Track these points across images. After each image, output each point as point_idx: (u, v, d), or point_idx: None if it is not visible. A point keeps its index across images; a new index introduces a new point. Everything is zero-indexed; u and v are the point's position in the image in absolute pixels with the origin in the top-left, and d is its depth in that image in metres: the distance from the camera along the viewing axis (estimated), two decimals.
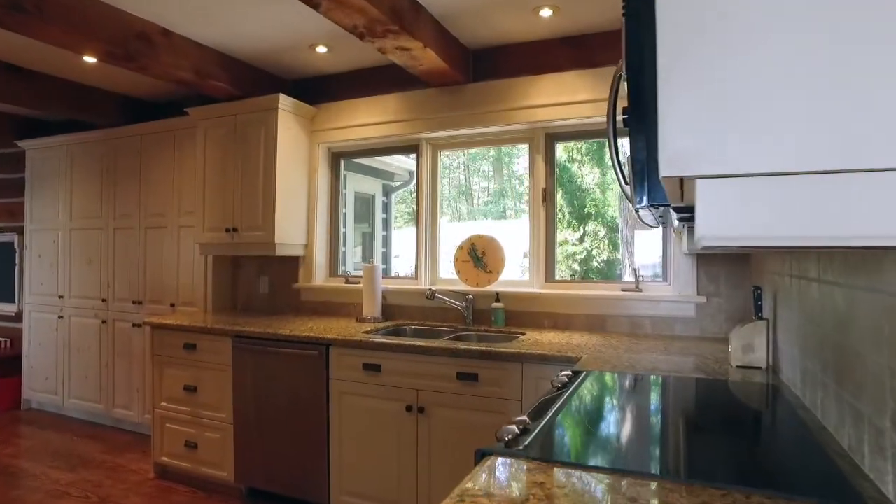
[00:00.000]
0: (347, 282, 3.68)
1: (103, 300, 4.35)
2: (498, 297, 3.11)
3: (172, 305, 4.01)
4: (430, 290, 3.05)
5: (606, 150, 4.00)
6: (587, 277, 3.99)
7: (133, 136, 4.21)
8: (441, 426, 2.54)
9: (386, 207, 7.80)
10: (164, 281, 4.06)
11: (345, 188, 5.93)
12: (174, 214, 4.02)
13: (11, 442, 4.11)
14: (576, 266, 9.01)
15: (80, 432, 4.28)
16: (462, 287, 3.31)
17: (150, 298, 4.13)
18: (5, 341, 5.19)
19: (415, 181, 3.61)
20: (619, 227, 8.10)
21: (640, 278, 3.02)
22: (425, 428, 2.57)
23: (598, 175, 9.09)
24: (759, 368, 1.98)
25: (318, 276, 3.77)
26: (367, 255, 7.31)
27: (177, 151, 4.01)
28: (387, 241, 7.69)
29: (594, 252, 9.60)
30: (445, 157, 3.70)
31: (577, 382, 1.75)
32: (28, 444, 4.05)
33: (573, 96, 3.08)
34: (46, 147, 4.72)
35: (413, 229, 3.62)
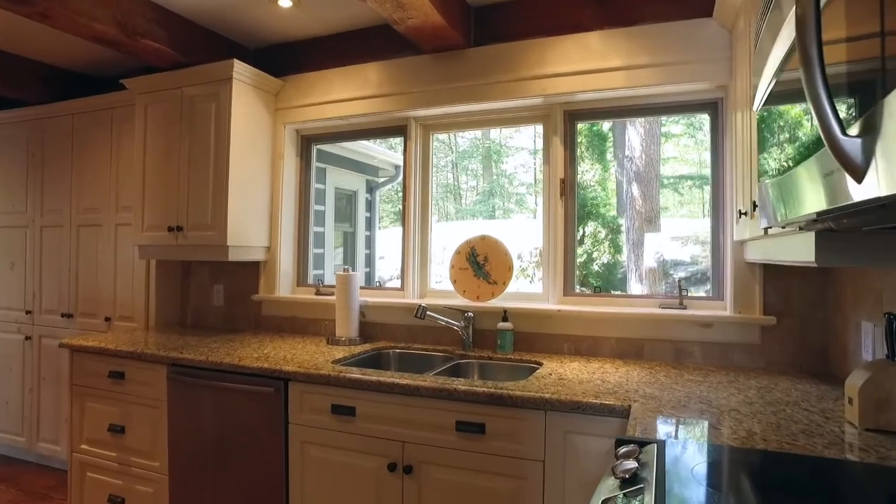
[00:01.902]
0: (319, 293, 3.02)
1: (27, 312, 3.64)
2: (506, 314, 2.47)
3: (108, 320, 3.32)
4: (419, 307, 2.40)
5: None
6: (604, 289, 3.35)
7: (63, 115, 3.51)
8: (435, 492, 1.90)
9: (370, 205, 7.14)
10: (98, 290, 3.37)
11: (323, 183, 5.26)
12: (111, 210, 3.33)
13: None
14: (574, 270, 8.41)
15: None
16: (459, 301, 2.66)
17: (82, 311, 3.44)
18: None
19: (402, 174, 2.96)
20: (625, 227, 7.52)
21: (684, 292, 2.39)
22: (413, 493, 1.93)
23: (598, 171, 8.49)
24: None
25: (283, 286, 3.10)
26: (349, 257, 6.65)
27: (115, 134, 3.32)
28: (370, 243, 7.02)
29: (594, 255, 9.04)
30: (437, 144, 3.03)
31: (655, 472, 1.11)
32: None
33: (601, 62, 2.45)
34: None
35: (399, 230, 2.96)
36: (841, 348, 1.98)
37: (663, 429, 1.41)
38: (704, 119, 2.55)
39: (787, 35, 0.98)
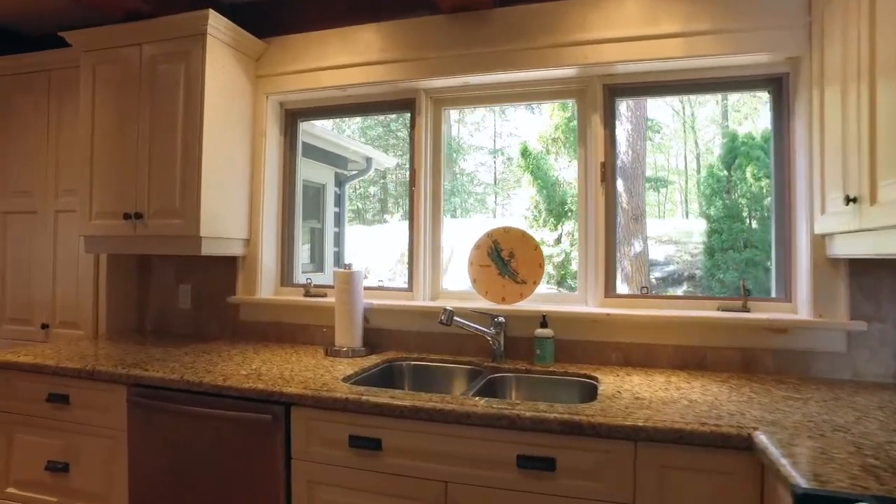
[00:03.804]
0: (308, 294, 2.56)
1: None
2: (545, 319, 2.09)
3: (45, 327, 2.74)
4: (446, 311, 1.99)
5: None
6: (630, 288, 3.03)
7: None
8: None
9: (338, 199, 6.64)
10: (32, 290, 2.79)
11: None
12: (48, 194, 2.76)
13: None
14: (551, 269, 8.16)
15: None
16: (485, 304, 2.27)
17: (11, 316, 2.84)
18: None
19: (410, 157, 2.53)
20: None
21: (747, 291, 2.09)
22: None
23: (576, 168, 8.28)
24: None
25: (265, 287, 2.62)
26: (317, 255, 6.14)
27: (54, 101, 2.75)
28: (339, 240, 6.52)
29: (573, 254, 8.82)
30: (394, 141, 2.62)
31: None
32: None
33: (653, 27, 2.11)
34: None
35: (364, 228, 2.54)
36: None
37: (838, 474, 1.07)
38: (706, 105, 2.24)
39: None
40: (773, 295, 2.14)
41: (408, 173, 2.53)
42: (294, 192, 2.74)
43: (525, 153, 7.23)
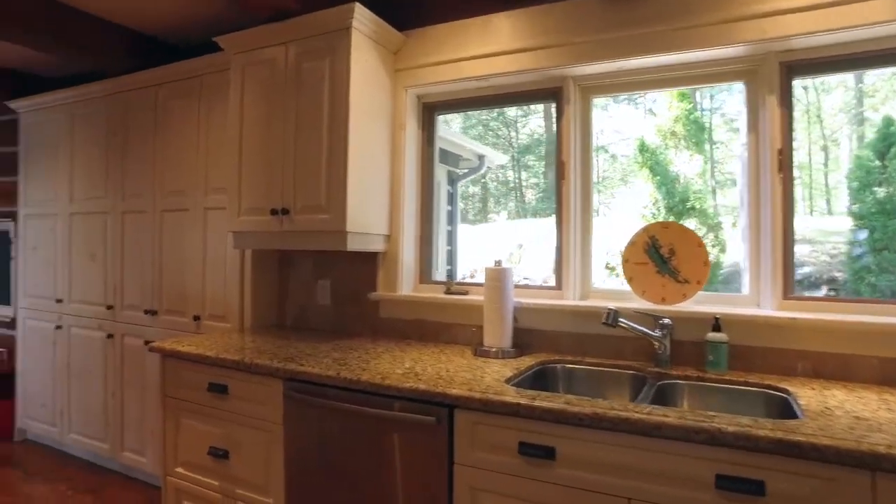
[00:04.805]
0: (449, 291, 2.50)
1: (109, 307, 3.26)
2: (717, 322, 1.89)
3: (196, 318, 2.89)
4: (609, 312, 1.85)
5: (709, 126, 2.59)
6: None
7: (147, 86, 3.11)
8: None
9: (451, 198, 6.62)
10: (185, 284, 2.95)
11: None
12: (199, 192, 2.91)
13: None
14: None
15: (79, 482, 3.21)
16: (644, 305, 2.09)
17: (167, 307, 3.03)
18: (2, 352, 4.18)
19: (557, 149, 2.40)
20: (744, 223, 6.78)
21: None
22: None
23: (699, 162, 7.71)
24: None
25: (406, 283, 2.60)
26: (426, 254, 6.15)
27: (204, 105, 2.89)
28: (452, 238, 6.50)
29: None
30: (494, 139, 2.46)
31: None
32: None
33: None
34: (43, 108, 3.67)
35: (466, 227, 2.41)
36: None
37: None
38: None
39: None
40: None
41: (509, 173, 2.42)
42: (432, 187, 2.70)
43: (643, 148, 6.86)
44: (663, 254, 2.13)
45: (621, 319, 1.87)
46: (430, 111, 2.69)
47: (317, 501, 1.86)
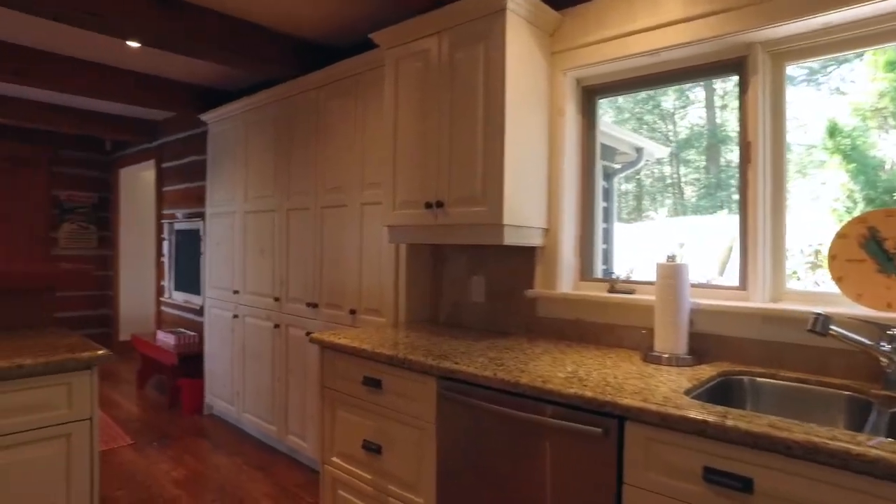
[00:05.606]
0: (613, 290, 2.28)
1: (276, 299, 3.50)
2: None
3: (353, 312, 2.97)
4: (817, 318, 1.52)
5: None
6: None
7: (308, 90, 3.27)
8: None
9: (606, 194, 6.27)
10: (343, 278, 3.05)
11: None
12: (356, 188, 2.98)
13: (182, 461, 3.44)
14: None
15: (252, 458, 3.48)
16: (862, 310, 1.71)
17: (326, 301, 3.16)
18: (195, 336, 4.73)
19: (740, 132, 2.07)
20: None
21: None
22: None
23: None
24: None
25: (565, 280, 2.42)
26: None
27: (360, 103, 2.96)
28: (608, 237, 6.15)
29: None
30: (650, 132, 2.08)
31: None
32: (195, 468, 3.34)
33: None
34: (224, 118, 4.06)
35: (620, 226, 2.08)
36: None
37: None
38: None
39: None
40: None
41: (665, 168, 2.09)
42: (593, 177, 2.51)
43: (833, 131, 5.90)
44: (887, 248, 1.73)
45: (833, 327, 1.53)
46: (590, 95, 2.49)
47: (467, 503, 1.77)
